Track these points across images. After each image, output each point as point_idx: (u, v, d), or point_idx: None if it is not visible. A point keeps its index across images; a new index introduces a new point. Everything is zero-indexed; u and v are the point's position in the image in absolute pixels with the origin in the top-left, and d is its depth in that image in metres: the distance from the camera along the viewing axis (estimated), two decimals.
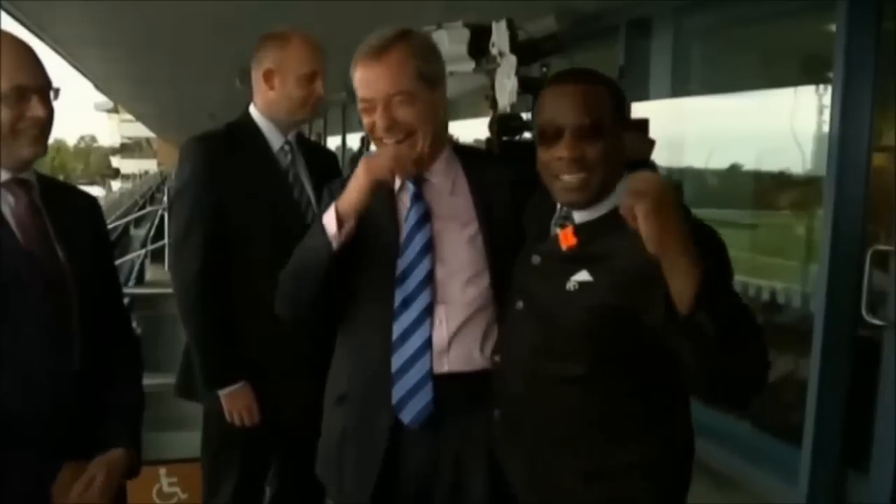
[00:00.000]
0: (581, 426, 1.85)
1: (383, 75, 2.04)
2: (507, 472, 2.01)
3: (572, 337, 1.83)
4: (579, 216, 1.89)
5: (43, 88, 1.93)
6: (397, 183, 2.13)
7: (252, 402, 2.68)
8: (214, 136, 2.78)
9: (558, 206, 1.94)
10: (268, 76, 2.69)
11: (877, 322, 3.44)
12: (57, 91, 1.96)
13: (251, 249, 2.63)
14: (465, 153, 2.22)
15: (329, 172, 2.82)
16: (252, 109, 2.75)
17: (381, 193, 2.09)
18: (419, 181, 2.12)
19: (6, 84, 1.86)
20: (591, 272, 1.82)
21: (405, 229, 2.10)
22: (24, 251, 1.93)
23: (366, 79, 2.04)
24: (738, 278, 4.56)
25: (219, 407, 2.68)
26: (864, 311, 3.45)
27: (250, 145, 2.71)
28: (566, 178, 1.83)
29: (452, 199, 2.14)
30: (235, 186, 2.62)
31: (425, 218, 2.10)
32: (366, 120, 2.07)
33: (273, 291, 2.57)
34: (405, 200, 2.13)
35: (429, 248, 2.08)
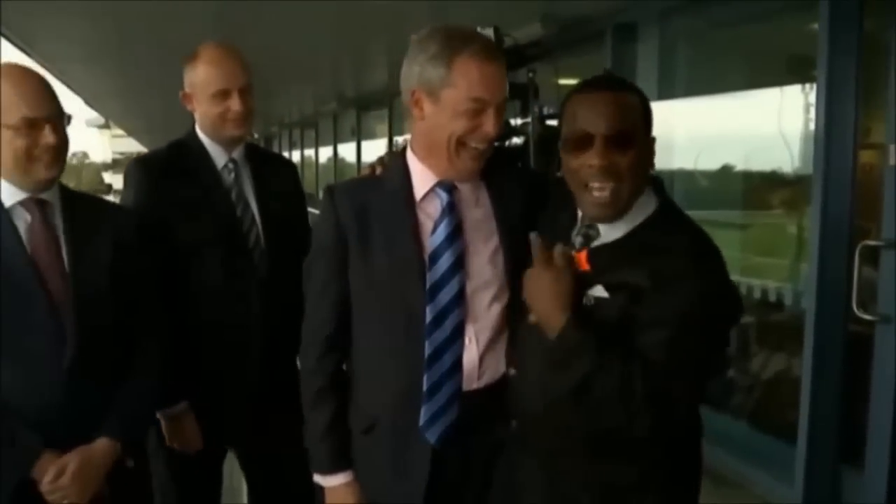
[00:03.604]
0: (592, 441, 1.83)
1: (502, 78, 1.96)
2: (524, 482, 1.99)
3: None
4: (602, 229, 1.86)
5: (54, 117, 2.12)
6: (421, 189, 2.03)
7: (193, 426, 2.66)
8: (157, 158, 2.79)
9: (579, 215, 1.91)
10: (186, 99, 2.69)
11: (868, 317, 3.46)
12: (69, 118, 2.16)
13: (195, 267, 2.62)
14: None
15: (283, 183, 2.85)
16: (196, 128, 2.73)
17: (399, 198, 2.03)
18: (451, 189, 2.03)
19: (15, 116, 2.05)
20: (607, 288, 1.80)
21: (434, 241, 1.99)
22: (29, 264, 2.11)
23: (486, 77, 1.91)
24: (731, 278, 4.60)
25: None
26: (854, 307, 3.47)
27: (193, 165, 2.69)
28: (596, 191, 1.79)
29: (476, 210, 2.06)
30: (178, 207, 2.61)
31: (457, 231, 2.00)
32: (465, 122, 1.93)
33: (217, 307, 2.62)
34: (430, 209, 2.03)
35: (461, 262, 1.99)
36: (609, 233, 1.86)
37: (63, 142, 2.14)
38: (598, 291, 1.81)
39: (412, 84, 1.98)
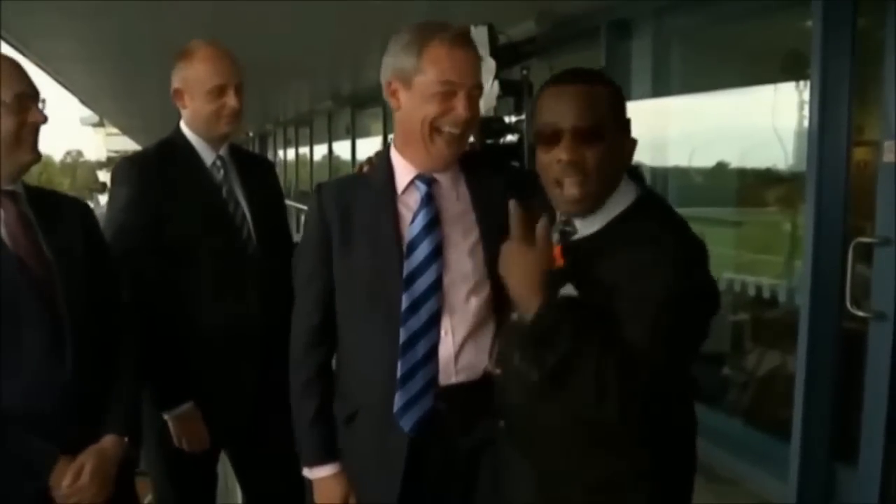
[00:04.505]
0: (580, 438, 1.83)
1: (473, 63, 2.00)
2: (513, 481, 2.00)
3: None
4: (579, 222, 1.87)
5: (37, 96, 2.07)
6: (402, 182, 2.08)
7: (201, 425, 2.66)
8: (147, 157, 2.77)
9: (558, 214, 1.91)
10: (178, 95, 2.67)
11: (861, 314, 3.46)
12: (44, 101, 2.08)
13: (188, 266, 2.61)
14: (464, 157, 2.15)
15: (267, 182, 2.86)
16: (182, 125, 2.72)
17: (381, 192, 2.07)
18: (430, 182, 2.07)
19: (10, 93, 1.99)
20: (577, 286, 1.78)
21: (412, 231, 2.04)
22: (14, 258, 2.04)
23: (455, 62, 1.96)
24: (726, 275, 4.61)
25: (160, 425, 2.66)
26: (848, 304, 3.47)
27: (183, 163, 2.68)
28: (566, 187, 1.79)
29: (456, 204, 2.10)
30: (171, 205, 2.60)
31: (435, 221, 2.05)
32: (436, 105, 1.97)
33: (213, 304, 2.60)
34: (410, 202, 2.07)
35: (437, 253, 2.02)
36: (585, 228, 1.87)
37: (44, 122, 2.09)
38: (568, 290, 1.78)
39: (387, 76, 2.04)
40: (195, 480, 2.80)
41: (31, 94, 2.05)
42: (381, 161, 2.13)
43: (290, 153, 17.84)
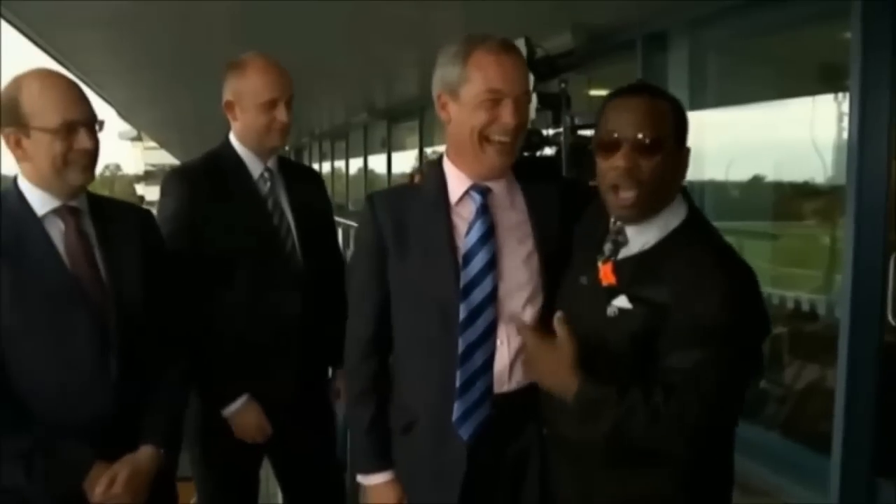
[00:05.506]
0: (623, 451, 1.84)
1: (520, 71, 2.02)
2: (557, 485, 2.03)
3: (612, 362, 1.84)
4: (632, 232, 1.90)
5: (90, 122, 2.12)
6: (456, 192, 2.09)
7: (260, 414, 2.67)
8: (194, 169, 2.80)
9: (612, 221, 1.95)
10: (229, 107, 2.69)
11: None
12: (102, 123, 2.15)
13: (232, 276, 2.63)
14: (519, 166, 2.17)
15: (314, 194, 2.88)
16: (231, 137, 2.74)
17: (435, 202, 2.08)
18: (484, 192, 2.08)
19: (57, 119, 2.06)
20: (631, 300, 1.83)
21: (468, 242, 2.04)
22: (69, 274, 2.11)
23: (501, 69, 1.98)
24: (764, 289, 4.57)
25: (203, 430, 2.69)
26: (889, 317, 3.44)
27: (230, 175, 2.70)
28: (620, 192, 1.84)
29: (511, 213, 2.11)
30: (217, 217, 2.62)
31: (490, 232, 2.05)
32: (483, 114, 1.99)
33: (256, 314, 2.62)
34: (464, 212, 2.08)
35: (493, 263, 2.03)
36: (637, 239, 1.89)
37: (97, 146, 2.14)
38: (622, 302, 1.84)
39: (437, 89, 2.06)
40: (238, 485, 2.83)
41: (82, 121, 2.10)
42: (434, 171, 2.14)
43: (326, 166, 17.94)
